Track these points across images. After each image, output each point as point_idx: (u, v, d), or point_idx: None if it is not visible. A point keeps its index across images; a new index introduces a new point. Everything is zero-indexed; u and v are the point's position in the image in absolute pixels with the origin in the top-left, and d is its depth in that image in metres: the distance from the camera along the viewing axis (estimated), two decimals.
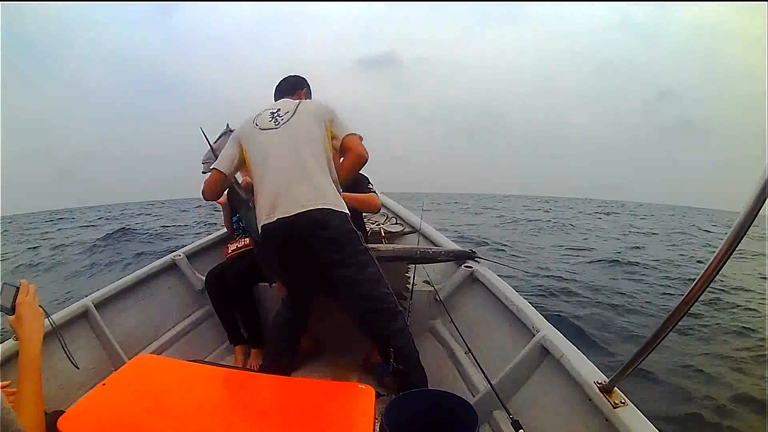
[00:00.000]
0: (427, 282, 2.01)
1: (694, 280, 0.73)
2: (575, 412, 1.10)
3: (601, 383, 1.02)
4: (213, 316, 2.16)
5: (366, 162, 1.56)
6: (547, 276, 5.63)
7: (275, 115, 1.55)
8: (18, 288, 1.03)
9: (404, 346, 1.42)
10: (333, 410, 0.97)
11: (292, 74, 1.81)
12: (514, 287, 1.69)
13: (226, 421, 0.92)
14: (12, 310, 1.00)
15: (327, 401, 1.01)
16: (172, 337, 2.02)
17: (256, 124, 1.54)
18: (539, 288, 4.92)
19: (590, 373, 1.09)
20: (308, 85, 1.81)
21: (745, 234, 0.65)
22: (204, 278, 2.20)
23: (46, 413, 1.03)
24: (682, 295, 0.76)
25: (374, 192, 2.11)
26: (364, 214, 2.27)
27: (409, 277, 1.92)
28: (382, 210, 3.07)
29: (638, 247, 9.55)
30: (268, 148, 1.48)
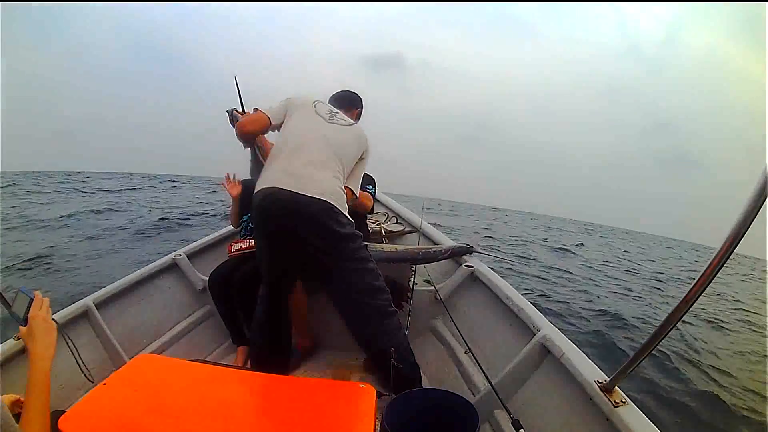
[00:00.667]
0: (428, 281, 2.01)
1: (694, 280, 0.74)
2: (576, 412, 1.10)
3: (601, 382, 1.03)
4: (213, 315, 2.16)
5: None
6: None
7: (333, 113, 1.63)
8: (32, 299, 1.01)
9: (399, 345, 1.40)
10: (333, 410, 0.97)
11: (350, 90, 1.89)
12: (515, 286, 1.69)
13: (226, 420, 0.92)
14: (24, 321, 0.99)
15: (327, 401, 1.01)
16: (172, 337, 2.02)
17: (315, 107, 1.60)
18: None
19: (591, 372, 1.09)
20: (362, 106, 1.89)
21: (744, 234, 0.65)
22: (205, 278, 2.20)
23: None
24: (683, 295, 0.76)
25: (371, 193, 2.12)
26: (367, 215, 2.28)
27: (410, 277, 1.92)
28: (383, 210, 3.07)
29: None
30: (312, 131, 1.52)
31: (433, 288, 1.96)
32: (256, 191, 1.44)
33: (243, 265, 2.05)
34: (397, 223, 2.94)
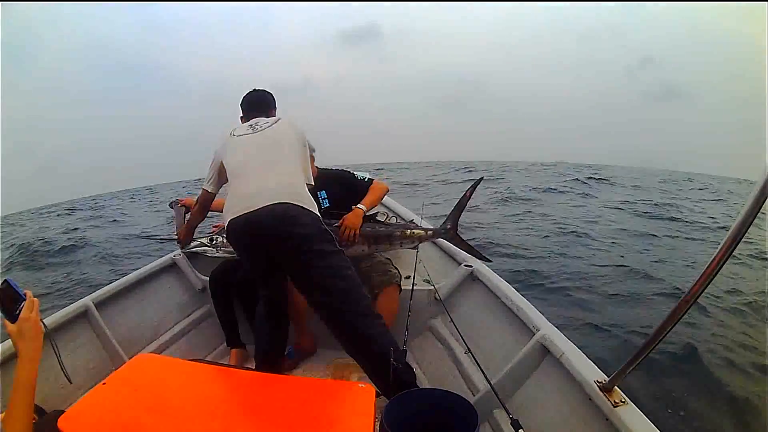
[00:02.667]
0: (427, 281, 2.01)
1: (694, 280, 0.74)
2: (575, 411, 1.10)
3: (601, 382, 1.03)
4: (213, 315, 2.16)
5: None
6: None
7: (253, 125, 1.62)
8: (24, 300, 0.99)
9: (386, 351, 1.30)
10: (333, 409, 0.97)
11: (262, 89, 1.84)
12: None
13: (226, 420, 0.92)
14: (14, 318, 0.97)
15: (327, 401, 1.01)
16: (172, 337, 2.02)
17: (233, 134, 1.61)
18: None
19: (590, 372, 1.09)
20: (275, 106, 1.85)
21: (744, 234, 0.65)
22: (204, 277, 2.20)
23: (45, 412, 1.03)
24: (683, 295, 0.76)
25: (370, 179, 2.10)
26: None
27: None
28: (382, 208, 3.06)
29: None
30: (244, 149, 1.55)
31: (432, 288, 1.96)
32: (226, 223, 1.47)
33: (243, 265, 2.05)
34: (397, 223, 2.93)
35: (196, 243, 2.07)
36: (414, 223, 2.18)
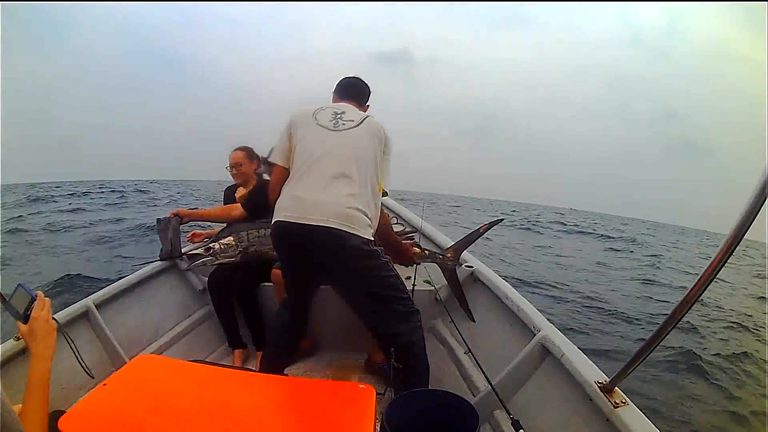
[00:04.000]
0: (428, 282, 2.01)
1: (693, 281, 0.74)
2: (576, 412, 1.10)
3: (601, 383, 1.03)
4: (213, 316, 2.16)
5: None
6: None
7: (338, 116, 1.49)
8: (34, 299, 1.01)
9: (415, 344, 1.40)
10: (333, 410, 0.97)
11: (358, 77, 1.72)
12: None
13: (226, 421, 0.92)
14: (25, 319, 0.99)
15: (327, 401, 1.01)
16: (172, 337, 2.02)
17: (316, 118, 1.48)
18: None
19: (591, 372, 1.09)
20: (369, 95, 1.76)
21: (745, 234, 0.65)
22: (205, 278, 2.21)
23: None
24: (683, 294, 0.76)
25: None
26: None
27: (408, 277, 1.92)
28: (385, 211, 3.06)
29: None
30: (320, 143, 1.42)
31: (433, 288, 1.96)
32: (273, 221, 1.41)
33: (243, 267, 2.05)
34: (397, 223, 2.94)
35: (196, 258, 2.04)
36: (415, 232, 2.16)
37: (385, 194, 1.56)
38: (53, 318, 1.04)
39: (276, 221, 1.39)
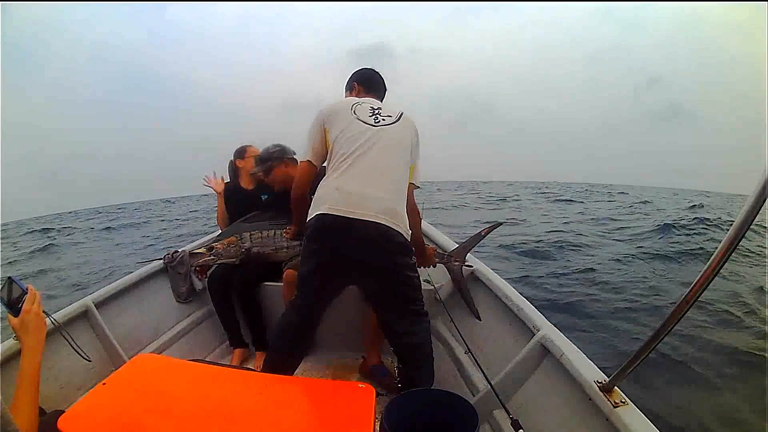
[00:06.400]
0: (427, 281, 2.01)
1: (694, 279, 0.73)
2: (575, 412, 1.10)
3: (601, 382, 1.02)
4: (213, 315, 2.16)
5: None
6: None
7: (376, 112, 1.48)
8: (26, 293, 1.03)
9: (425, 345, 1.44)
10: (333, 410, 0.97)
11: (376, 70, 1.71)
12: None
13: (225, 420, 0.92)
14: (16, 312, 1.01)
15: (327, 401, 1.01)
16: (172, 337, 2.02)
17: (355, 113, 1.46)
18: None
19: (590, 372, 1.09)
20: None
21: (745, 233, 0.65)
22: (206, 278, 2.21)
23: (46, 413, 1.03)
24: (684, 294, 0.75)
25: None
26: None
27: None
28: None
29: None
30: (363, 142, 1.39)
31: (432, 288, 1.96)
32: (311, 213, 1.37)
33: (243, 266, 2.05)
34: None
35: (198, 257, 2.04)
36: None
37: (416, 188, 1.56)
38: (44, 312, 1.05)
39: (319, 214, 1.33)
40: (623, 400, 0.98)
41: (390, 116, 1.49)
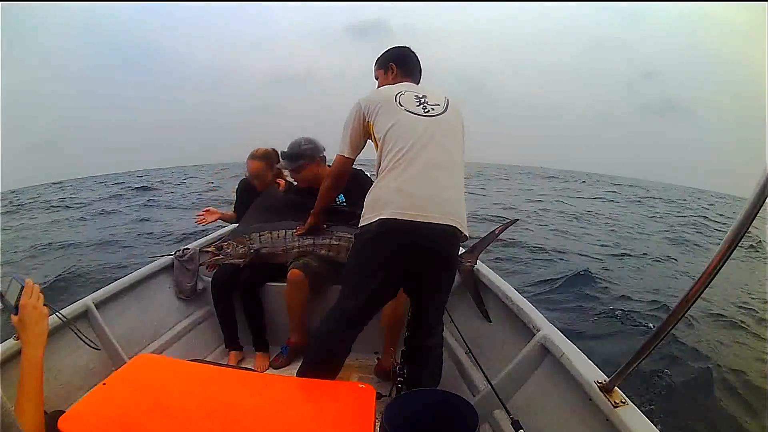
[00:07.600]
0: None
1: (694, 279, 0.73)
2: (575, 412, 1.10)
3: (601, 383, 1.02)
4: (213, 316, 2.16)
5: None
6: None
7: (423, 101, 1.37)
8: (23, 287, 1.01)
9: (440, 345, 1.46)
10: (333, 410, 0.97)
11: (412, 50, 1.57)
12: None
13: (226, 420, 0.92)
14: (16, 310, 0.99)
15: (327, 401, 1.01)
16: (172, 337, 2.02)
17: (400, 104, 1.34)
18: None
19: (590, 372, 1.09)
20: None
21: (745, 233, 0.65)
22: (205, 278, 2.21)
23: (46, 413, 1.03)
24: (683, 294, 0.75)
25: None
26: None
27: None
28: None
29: None
30: (419, 137, 1.28)
31: None
32: (369, 217, 1.28)
33: (247, 267, 2.05)
34: None
35: (207, 255, 2.04)
36: None
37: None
38: (45, 304, 1.04)
39: (385, 218, 1.23)
40: (623, 400, 0.97)
41: (438, 104, 1.37)
